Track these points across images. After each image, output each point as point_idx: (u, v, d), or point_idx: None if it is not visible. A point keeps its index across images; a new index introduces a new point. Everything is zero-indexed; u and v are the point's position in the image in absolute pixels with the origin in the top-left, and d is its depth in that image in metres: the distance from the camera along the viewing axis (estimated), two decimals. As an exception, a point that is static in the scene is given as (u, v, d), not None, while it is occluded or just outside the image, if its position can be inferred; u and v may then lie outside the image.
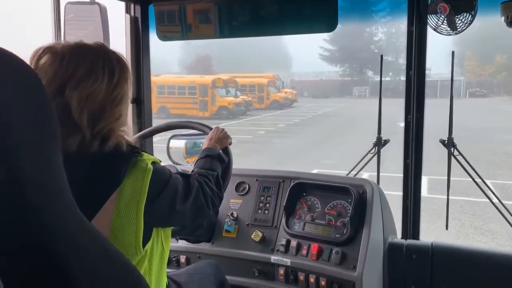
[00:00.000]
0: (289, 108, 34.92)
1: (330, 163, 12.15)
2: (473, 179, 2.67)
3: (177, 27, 2.67)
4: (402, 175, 2.47)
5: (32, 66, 1.36)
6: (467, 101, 36.13)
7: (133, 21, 2.71)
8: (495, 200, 2.80)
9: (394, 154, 4.53)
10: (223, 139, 2.01)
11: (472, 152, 11.89)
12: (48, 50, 1.39)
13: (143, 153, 1.46)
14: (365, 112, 26.09)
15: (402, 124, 2.46)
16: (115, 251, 1.17)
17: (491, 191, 2.77)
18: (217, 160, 1.88)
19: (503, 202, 2.79)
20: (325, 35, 55.00)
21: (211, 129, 2.09)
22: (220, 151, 1.95)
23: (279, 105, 34.22)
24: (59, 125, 1.34)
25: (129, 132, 1.52)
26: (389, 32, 53.61)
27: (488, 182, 2.98)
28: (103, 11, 2.33)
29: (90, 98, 1.38)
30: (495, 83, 46.95)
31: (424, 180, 9.18)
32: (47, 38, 2.49)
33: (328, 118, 27.06)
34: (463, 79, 42.62)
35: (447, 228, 2.80)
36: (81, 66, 1.38)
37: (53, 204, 0.91)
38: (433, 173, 9.02)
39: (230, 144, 2.05)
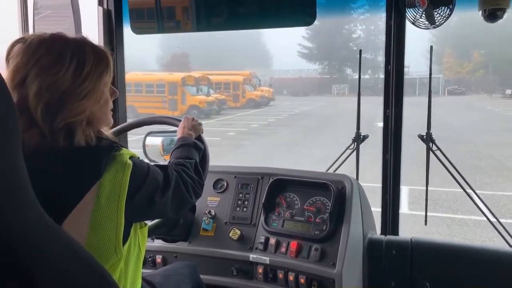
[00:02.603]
0: (266, 106, 34.42)
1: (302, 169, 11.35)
2: (451, 174, 2.70)
3: (152, 20, 2.66)
4: (379, 185, 2.53)
5: (6, 55, 1.37)
6: (446, 98, 36.60)
7: (106, 14, 2.66)
8: (474, 197, 2.80)
9: (370, 159, 4.35)
10: (196, 126, 2.00)
11: (456, 156, 10.97)
12: (21, 39, 1.38)
13: (122, 147, 1.46)
14: (343, 111, 25.71)
15: (380, 124, 2.48)
16: (84, 253, 1.15)
17: (472, 188, 2.77)
18: (193, 147, 1.87)
19: (492, 213, 2.75)
20: (304, 32, 55.42)
21: (180, 120, 2.08)
22: (195, 139, 1.93)
23: (255, 104, 33.62)
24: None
25: (103, 128, 1.51)
26: (368, 29, 54.22)
27: (478, 192, 2.93)
28: (75, 4, 2.30)
29: (50, 88, 1.34)
30: (472, 80, 47.92)
31: (404, 191, 8.41)
32: (13, 34, 2.46)
33: (305, 117, 26.41)
34: (441, 77, 43.39)
35: (426, 224, 2.85)
36: (47, 55, 1.35)
37: (12, 203, 0.89)
38: (414, 182, 8.04)
39: (202, 132, 2.04)
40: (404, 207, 7.33)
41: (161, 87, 27.34)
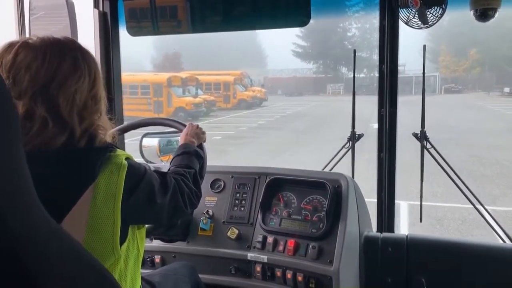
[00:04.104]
0: (258, 107, 33.65)
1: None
2: (447, 173, 2.76)
3: (147, 22, 2.72)
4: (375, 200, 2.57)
5: (8, 62, 1.36)
6: (443, 97, 36.21)
7: (102, 17, 2.73)
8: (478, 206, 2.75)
9: (366, 166, 4.31)
10: (199, 134, 2.05)
11: (459, 162, 10.44)
12: (25, 45, 1.39)
13: (117, 149, 1.48)
14: (337, 112, 24.77)
15: (376, 126, 2.54)
16: (85, 253, 1.17)
17: (473, 194, 2.74)
18: (194, 156, 1.90)
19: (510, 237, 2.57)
20: (297, 31, 55.40)
21: (185, 125, 2.13)
22: (197, 147, 1.97)
23: (247, 105, 32.88)
24: (51, 122, 1.34)
25: (107, 130, 1.55)
26: (363, 27, 54.27)
27: (488, 208, 2.78)
28: (70, 6, 2.35)
29: (76, 95, 1.41)
30: (469, 78, 48.09)
31: (403, 209, 7.34)
32: (10, 35, 2.50)
33: (298, 119, 25.62)
34: (438, 75, 43.50)
35: (421, 221, 2.92)
36: (65, 62, 1.40)
37: (16, 205, 0.90)
38: (415, 195, 6.76)
39: (204, 141, 2.09)
40: (403, 230, 6.65)
41: (145, 89, 26.38)
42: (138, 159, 1.82)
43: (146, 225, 1.70)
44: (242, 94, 33.91)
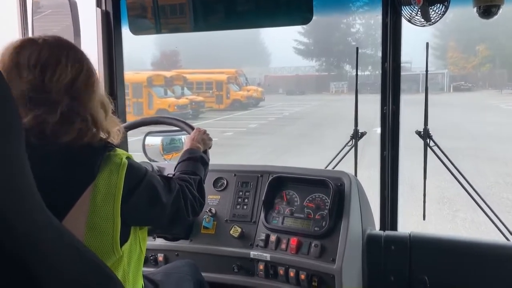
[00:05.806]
0: (254, 108, 32.12)
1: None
2: (451, 172, 2.83)
3: (150, 21, 2.81)
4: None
5: (32, 58, 1.43)
6: (452, 96, 35.16)
7: (105, 15, 2.82)
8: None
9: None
10: (206, 140, 2.13)
11: (489, 185, 8.20)
12: (57, 39, 1.50)
13: (116, 148, 1.54)
14: (340, 112, 23.38)
15: (379, 130, 2.61)
16: (87, 251, 1.24)
17: (477, 193, 2.78)
18: (200, 162, 1.97)
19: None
20: (299, 27, 55.19)
21: (193, 129, 2.20)
22: (202, 153, 2.04)
23: (241, 105, 31.38)
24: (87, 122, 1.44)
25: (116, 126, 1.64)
26: (367, 23, 53.85)
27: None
28: (73, 5, 2.43)
29: (97, 90, 1.54)
30: (479, 76, 47.83)
31: None
32: (13, 34, 2.58)
33: (294, 121, 24.35)
34: (446, 72, 43.13)
35: (424, 219, 2.99)
36: (86, 60, 1.53)
37: (19, 208, 0.94)
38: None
39: (210, 147, 2.17)
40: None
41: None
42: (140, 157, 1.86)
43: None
44: (236, 94, 32.47)
